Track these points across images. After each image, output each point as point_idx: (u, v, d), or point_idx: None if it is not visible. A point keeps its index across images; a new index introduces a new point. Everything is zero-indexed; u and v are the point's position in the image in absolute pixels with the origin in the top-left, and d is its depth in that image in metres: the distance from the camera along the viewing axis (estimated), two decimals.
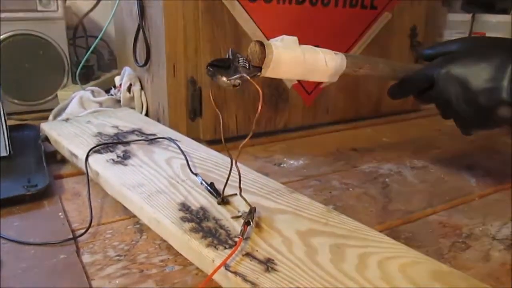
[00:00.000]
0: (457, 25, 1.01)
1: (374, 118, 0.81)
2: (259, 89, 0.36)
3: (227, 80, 0.40)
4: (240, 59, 0.41)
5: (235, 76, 0.40)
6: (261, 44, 0.42)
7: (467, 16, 1.01)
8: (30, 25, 0.74)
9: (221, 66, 0.40)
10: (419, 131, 0.56)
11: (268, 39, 0.64)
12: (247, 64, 0.41)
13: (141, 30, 0.66)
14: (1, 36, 0.72)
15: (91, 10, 0.73)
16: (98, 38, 0.67)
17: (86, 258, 0.39)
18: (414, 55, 0.81)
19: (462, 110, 0.50)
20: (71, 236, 0.41)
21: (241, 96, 0.66)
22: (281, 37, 0.44)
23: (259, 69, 0.42)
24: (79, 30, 0.81)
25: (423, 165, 0.62)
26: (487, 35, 1.04)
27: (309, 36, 0.69)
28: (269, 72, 0.43)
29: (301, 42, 0.69)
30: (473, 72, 0.48)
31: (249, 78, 0.40)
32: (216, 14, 0.61)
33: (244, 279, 0.32)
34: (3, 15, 0.71)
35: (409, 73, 0.54)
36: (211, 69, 0.40)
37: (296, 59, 0.44)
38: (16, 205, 0.47)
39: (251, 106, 0.67)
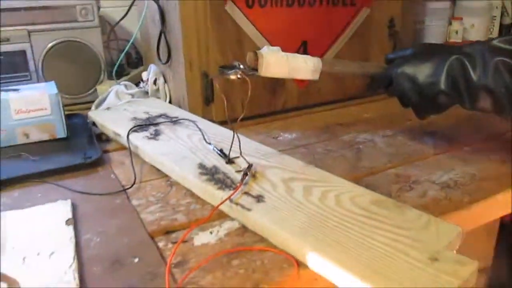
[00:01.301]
0: (437, 11, 1.13)
1: (359, 98, 0.96)
2: (248, 80, 0.53)
3: (234, 75, 0.58)
4: (241, 64, 0.57)
5: (238, 72, 0.58)
6: (254, 52, 0.58)
7: (446, 4, 1.14)
8: (73, 33, 0.90)
9: (227, 68, 0.57)
10: (397, 107, 0.70)
11: (264, 37, 0.80)
12: (247, 67, 0.58)
13: (162, 34, 0.82)
14: (50, 44, 0.89)
15: (121, 19, 0.89)
16: (130, 42, 0.83)
17: (134, 202, 0.55)
18: (391, 44, 0.95)
19: (413, 100, 0.64)
20: (122, 189, 0.58)
21: (245, 84, 0.81)
22: (267, 47, 0.60)
23: (256, 70, 0.58)
24: (111, 34, 0.97)
25: (393, 134, 0.77)
26: (466, 19, 1.17)
27: (299, 32, 0.85)
28: (263, 71, 0.60)
29: (292, 38, 0.85)
30: (420, 70, 0.63)
31: (247, 75, 0.57)
32: (221, 19, 0.76)
33: (243, 207, 0.48)
34: (52, 26, 0.88)
35: (375, 74, 0.69)
36: (221, 69, 0.57)
37: (280, 60, 0.60)
38: (77, 171, 0.63)
39: (252, 92, 0.82)
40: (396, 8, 0.94)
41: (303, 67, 0.62)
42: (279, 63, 0.60)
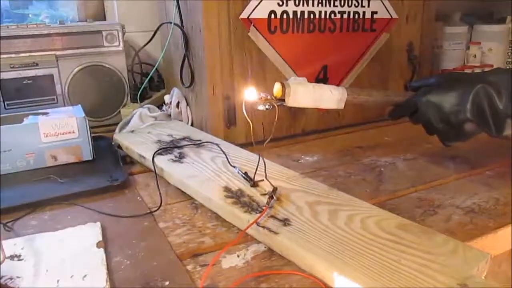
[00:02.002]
0: (455, 36, 1.15)
1: (379, 121, 0.96)
2: (276, 107, 0.54)
3: (262, 106, 0.59)
4: (269, 96, 0.59)
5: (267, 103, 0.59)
6: (282, 83, 0.60)
7: (463, 28, 1.15)
8: (99, 58, 0.93)
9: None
10: (417, 130, 0.70)
11: (286, 62, 0.82)
12: (274, 98, 0.59)
13: (186, 59, 0.84)
14: (77, 68, 0.92)
15: (146, 44, 0.92)
16: (154, 68, 0.86)
17: (161, 224, 0.56)
18: (410, 68, 0.96)
19: (439, 128, 0.65)
20: (149, 211, 0.59)
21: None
22: (293, 77, 0.61)
23: (283, 100, 0.60)
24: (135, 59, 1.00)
25: (414, 157, 0.77)
26: (484, 43, 1.18)
27: (319, 57, 0.86)
28: (290, 101, 0.61)
29: (313, 62, 0.86)
30: (445, 99, 0.64)
31: (276, 105, 0.58)
32: (244, 44, 0.78)
33: (270, 230, 0.49)
34: (79, 51, 0.91)
35: (400, 101, 0.70)
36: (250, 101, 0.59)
37: (307, 90, 0.62)
38: (105, 193, 0.65)
39: (274, 116, 0.83)
40: (414, 33, 0.96)
41: (329, 97, 0.63)
42: (306, 93, 0.61)
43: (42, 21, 1.07)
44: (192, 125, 0.89)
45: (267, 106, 0.59)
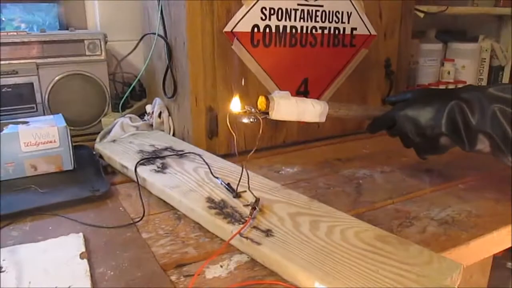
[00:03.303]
0: (430, 53, 1.19)
1: (357, 133, 0.99)
2: (260, 120, 0.55)
3: (247, 119, 0.60)
4: (253, 109, 0.60)
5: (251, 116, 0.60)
6: (266, 97, 0.61)
7: (438, 46, 1.20)
8: (80, 66, 0.93)
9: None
10: (393, 144, 0.73)
11: (268, 75, 0.84)
12: (257, 111, 0.61)
13: (169, 70, 0.85)
14: (57, 76, 0.92)
15: (129, 54, 0.93)
16: (137, 78, 0.86)
17: (144, 235, 0.56)
18: (388, 83, 0.99)
19: (416, 141, 0.68)
20: (131, 222, 0.59)
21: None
22: (277, 91, 0.63)
23: (267, 113, 0.61)
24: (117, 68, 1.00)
25: (391, 170, 0.80)
26: (457, 61, 1.23)
27: (301, 71, 0.88)
28: (274, 115, 0.63)
29: (294, 75, 0.88)
30: (421, 113, 0.66)
31: (261, 118, 0.60)
32: (227, 57, 0.80)
33: (252, 241, 0.50)
34: (60, 59, 0.91)
35: (378, 115, 0.72)
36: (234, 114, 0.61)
37: (290, 104, 0.63)
38: (87, 204, 0.65)
39: (254, 127, 0.85)
40: (392, 49, 0.99)
41: (311, 110, 0.65)
42: (289, 107, 0.63)
43: (17, 27, 1.06)
44: (174, 135, 0.90)
45: (251, 119, 0.60)
